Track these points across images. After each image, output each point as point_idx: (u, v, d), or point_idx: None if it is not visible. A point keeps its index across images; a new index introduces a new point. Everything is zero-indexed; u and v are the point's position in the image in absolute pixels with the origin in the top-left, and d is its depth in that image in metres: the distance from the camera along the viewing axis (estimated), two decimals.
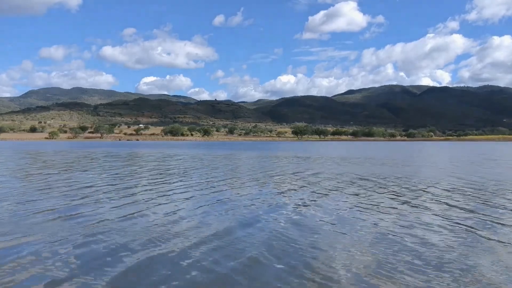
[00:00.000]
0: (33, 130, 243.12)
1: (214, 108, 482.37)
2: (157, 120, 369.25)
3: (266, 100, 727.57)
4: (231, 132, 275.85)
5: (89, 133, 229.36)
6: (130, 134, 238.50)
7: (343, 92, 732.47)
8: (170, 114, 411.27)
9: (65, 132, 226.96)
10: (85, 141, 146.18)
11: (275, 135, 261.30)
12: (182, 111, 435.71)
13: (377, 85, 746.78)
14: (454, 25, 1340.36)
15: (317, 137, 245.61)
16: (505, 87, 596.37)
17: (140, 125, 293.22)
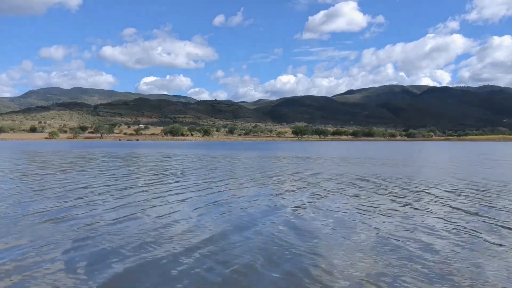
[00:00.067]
0: (33, 130, 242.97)
1: (214, 108, 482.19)
2: (157, 120, 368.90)
3: (266, 100, 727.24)
4: (231, 132, 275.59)
5: (89, 133, 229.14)
6: (130, 134, 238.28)
7: (343, 92, 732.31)
8: (170, 114, 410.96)
9: (65, 132, 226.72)
10: (85, 141, 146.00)
11: (275, 135, 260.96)
12: (182, 111, 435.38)
13: (377, 85, 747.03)
14: (454, 25, 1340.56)
15: (317, 137, 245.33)
16: (505, 87, 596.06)
17: (140, 125, 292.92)
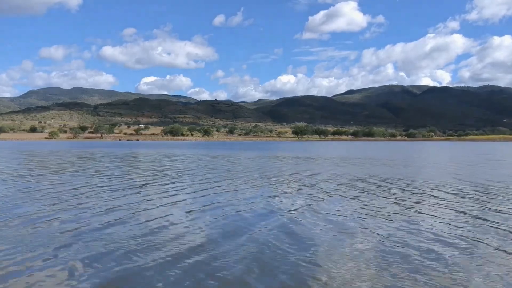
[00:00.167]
0: (33, 130, 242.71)
1: (214, 108, 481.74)
2: (157, 120, 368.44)
3: (266, 100, 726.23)
4: (231, 132, 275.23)
5: (89, 133, 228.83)
6: (130, 134, 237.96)
7: (343, 92, 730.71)
8: (170, 114, 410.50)
9: (65, 132, 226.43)
10: (85, 141, 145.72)
11: (275, 135, 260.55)
12: (182, 111, 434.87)
13: (377, 85, 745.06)
14: (454, 25, 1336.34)
15: (317, 137, 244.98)
16: (505, 87, 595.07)
17: (140, 125, 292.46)
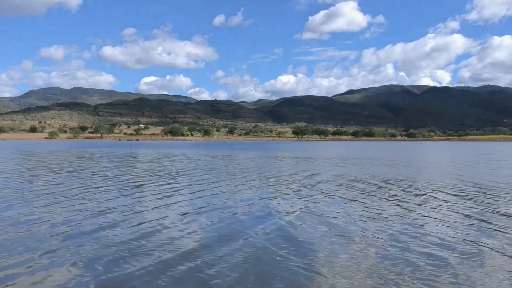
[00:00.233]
0: (33, 130, 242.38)
1: (214, 108, 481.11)
2: (157, 120, 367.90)
3: (266, 100, 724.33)
4: (231, 132, 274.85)
5: (89, 133, 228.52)
6: (130, 134, 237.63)
7: (343, 92, 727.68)
8: (170, 114, 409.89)
9: (65, 132, 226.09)
10: (85, 141, 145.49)
11: (275, 135, 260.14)
12: (182, 111, 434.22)
13: (377, 85, 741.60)
14: (454, 25, 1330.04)
15: (318, 137, 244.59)
16: (505, 87, 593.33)
17: (140, 125, 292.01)
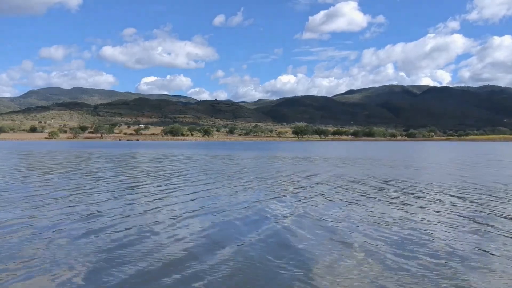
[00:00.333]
0: (33, 130, 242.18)
1: (214, 108, 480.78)
2: (157, 120, 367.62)
3: (266, 100, 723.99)
4: (231, 132, 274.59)
5: (89, 133, 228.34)
6: (130, 134, 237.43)
7: (343, 92, 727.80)
8: (170, 114, 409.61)
9: (65, 132, 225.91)
10: (84, 141, 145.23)
11: (275, 135, 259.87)
12: (182, 111, 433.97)
13: (377, 85, 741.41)
14: (454, 25, 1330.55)
15: (318, 137, 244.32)
16: (505, 87, 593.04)
17: (140, 125, 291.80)
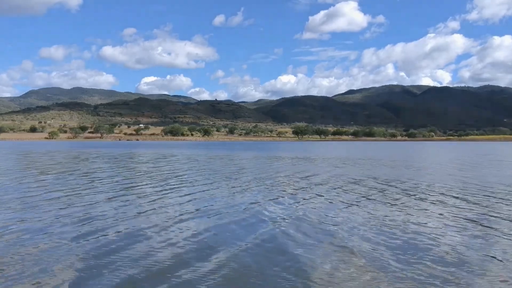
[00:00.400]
0: (33, 130, 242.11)
1: (214, 108, 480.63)
2: (157, 120, 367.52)
3: (266, 100, 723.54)
4: (231, 132, 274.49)
5: (89, 133, 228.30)
6: (130, 134, 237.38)
7: (343, 92, 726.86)
8: (170, 114, 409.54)
9: (65, 132, 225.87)
10: (84, 141, 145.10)
11: (275, 135, 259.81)
12: (182, 111, 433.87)
13: (377, 85, 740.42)
14: (454, 25, 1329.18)
15: (318, 137, 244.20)
16: (505, 87, 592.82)
17: (140, 125, 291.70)
